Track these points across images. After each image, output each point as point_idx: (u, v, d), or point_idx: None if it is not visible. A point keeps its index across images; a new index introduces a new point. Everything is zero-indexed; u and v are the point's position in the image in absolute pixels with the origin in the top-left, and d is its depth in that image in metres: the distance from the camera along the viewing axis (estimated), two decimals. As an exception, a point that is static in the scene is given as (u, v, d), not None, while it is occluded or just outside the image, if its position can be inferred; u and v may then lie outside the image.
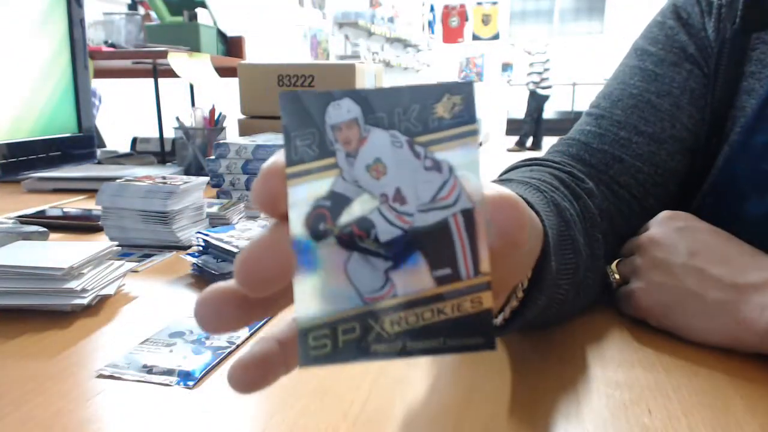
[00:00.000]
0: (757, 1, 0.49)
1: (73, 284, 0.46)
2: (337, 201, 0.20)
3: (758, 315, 0.37)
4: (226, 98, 1.49)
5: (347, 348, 0.20)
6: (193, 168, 1.11)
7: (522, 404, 0.34)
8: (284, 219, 0.20)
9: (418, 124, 0.21)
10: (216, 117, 1.15)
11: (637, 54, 0.56)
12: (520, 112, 8.55)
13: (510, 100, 9.82)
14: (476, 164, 0.21)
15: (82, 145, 0.79)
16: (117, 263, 0.52)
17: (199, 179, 0.69)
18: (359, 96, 0.21)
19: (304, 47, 5.83)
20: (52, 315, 0.46)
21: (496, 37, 10.74)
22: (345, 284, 0.20)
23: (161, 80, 1.51)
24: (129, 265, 0.54)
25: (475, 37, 11.45)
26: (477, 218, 0.20)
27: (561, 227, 0.38)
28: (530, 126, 8.22)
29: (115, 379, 0.37)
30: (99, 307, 0.48)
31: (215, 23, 1.67)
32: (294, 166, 0.20)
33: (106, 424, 0.32)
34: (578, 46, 10.81)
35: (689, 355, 0.39)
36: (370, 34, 7.61)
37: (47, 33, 0.73)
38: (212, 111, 1.15)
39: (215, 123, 1.14)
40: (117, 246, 0.53)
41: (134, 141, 1.36)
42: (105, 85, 2.20)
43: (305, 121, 0.21)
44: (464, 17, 11.56)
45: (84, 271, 0.48)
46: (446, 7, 11.61)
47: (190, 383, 0.36)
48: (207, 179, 0.71)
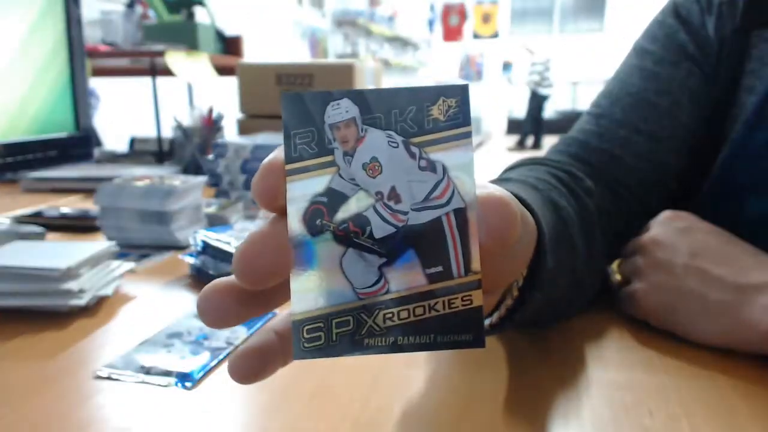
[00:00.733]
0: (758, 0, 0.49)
1: (71, 285, 0.46)
2: (334, 198, 0.21)
3: (760, 316, 0.37)
4: (225, 97, 1.49)
5: (341, 341, 0.21)
6: (192, 168, 1.11)
7: (522, 405, 0.34)
8: (282, 214, 0.21)
9: (414, 125, 0.21)
10: (214, 116, 1.14)
11: (637, 53, 0.56)
12: (521, 112, 8.57)
13: (510, 100, 9.82)
14: (470, 165, 0.21)
15: (80, 145, 0.79)
16: (115, 263, 0.52)
17: (198, 179, 0.69)
18: (358, 96, 0.21)
19: (303, 46, 5.82)
20: (50, 316, 0.45)
21: (496, 36, 10.74)
22: (340, 279, 0.21)
23: (159, 79, 1.51)
24: (127, 266, 0.53)
25: (475, 36, 11.44)
26: (469, 218, 0.21)
27: (558, 225, 0.38)
28: (531, 125, 8.24)
29: (113, 380, 0.36)
30: (97, 308, 0.48)
31: (213, 22, 1.66)
32: (293, 163, 0.21)
33: (104, 425, 0.32)
34: (578, 46, 10.81)
35: (690, 356, 0.39)
36: (370, 33, 7.61)
37: (44, 32, 0.72)
38: (210, 110, 1.15)
39: (213, 122, 1.14)
40: (115, 246, 0.53)
41: (132, 140, 1.36)
42: (103, 85, 2.20)
43: (305, 120, 0.21)
44: (464, 16, 11.55)
45: (82, 272, 0.47)
46: (446, 6, 11.60)
47: (189, 384, 0.36)
48: (205, 179, 0.71)
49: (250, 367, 0.22)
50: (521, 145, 8.18)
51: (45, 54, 0.73)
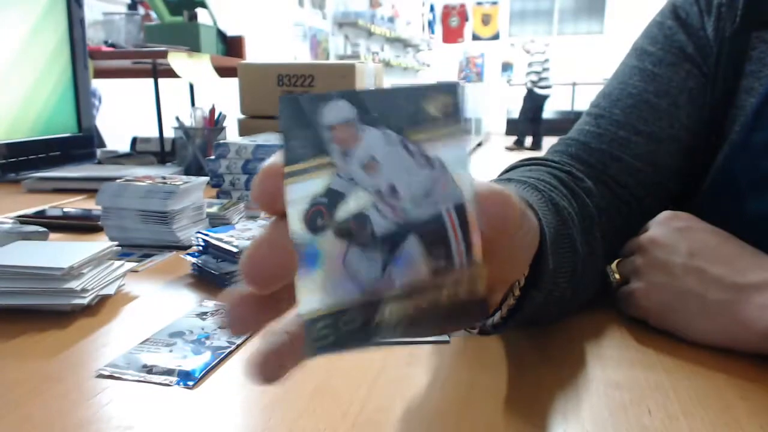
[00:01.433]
0: (758, 0, 0.49)
1: (73, 284, 0.46)
2: (334, 197, 0.21)
3: (759, 315, 0.37)
4: (226, 98, 1.49)
5: (349, 337, 0.21)
6: (193, 168, 1.11)
7: (522, 404, 0.34)
8: (283, 216, 0.21)
9: (411, 123, 0.22)
10: (216, 117, 1.15)
11: (637, 54, 0.56)
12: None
13: (510, 100, 9.81)
14: (466, 160, 0.22)
15: (82, 145, 0.79)
16: (117, 263, 0.52)
17: (199, 179, 0.69)
18: (354, 97, 0.22)
19: (304, 47, 5.83)
20: (52, 315, 0.46)
21: (496, 37, 10.74)
22: (344, 277, 0.21)
23: (161, 80, 1.51)
24: (129, 265, 0.54)
25: (475, 37, 11.44)
26: (468, 210, 0.21)
27: (558, 225, 0.38)
28: (525, 125, 8.22)
29: (115, 379, 0.37)
30: (99, 307, 0.48)
31: (215, 23, 1.67)
32: (291, 166, 0.21)
33: (106, 424, 0.32)
34: (578, 46, 10.80)
35: (689, 355, 0.39)
36: (370, 34, 7.61)
37: (47, 33, 0.73)
38: (212, 111, 1.15)
39: (215, 123, 1.14)
40: (117, 246, 0.53)
41: (134, 141, 1.36)
42: (105, 85, 2.20)
43: (302, 123, 0.21)
44: (464, 17, 11.55)
45: (84, 271, 0.48)
46: (446, 7, 11.60)
47: (190, 383, 0.36)
48: (207, 179, 0.71)
49: (271, 370, 0.23)
50: (519, 145, 8.18)
51: (47, 55, 0.73)
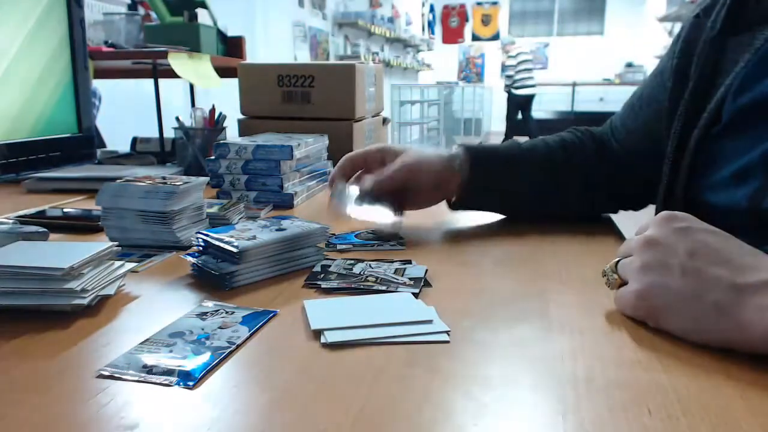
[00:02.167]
0: (734, 13, 0.58)
1: (73, 284, 0.46)
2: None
3: (759, 317, 0.37)
4: (226, 98, 1.49)
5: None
6: (193, 168, 1.11)
7: (521, 404, 0.34)
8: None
9: None
10: (216, 117, 1.15)
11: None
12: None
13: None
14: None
15: (82, 146, 0.79)
16: (117, 263, 0.52)
17: (199, 179, 0.69)
18: None
19: (304, 47, 5.83)
20: (52, 315, 0.46)
21: (496, 38, 10.74)
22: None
23: (161, 80, 1.51)
24: (129, 266, 0.54)
25: (475, 38, 11.44)
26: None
27: (495, 158, 0.71)
28: (509, 128, 8.21)
29: (115, 379, 0.37)
30: (99, 307, 0.48)
31: (215, 23, 1.67)
32: None
33: (106, 425, 0.32)
34: (578, 47, 10.80)
35: (689, 355, 0.39)
36: (370, 35, 7.61)
37: (47, 33, 0.73)
38: (212, 111, 1.15)
39: (215, 123, 1.14)
40: (117, 246, 0.53)
41: (134, 141, 1.36)
42: (105, 85, 2.20)
43: None
44: (464, 17, 11.55)
45: (84, 272, 0.48)
46: (446, 8, 11.60)
47: (190, 383, 0.36)
48: (207, 179, 0.71)
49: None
50: None
51: (48, 55, 0.73)
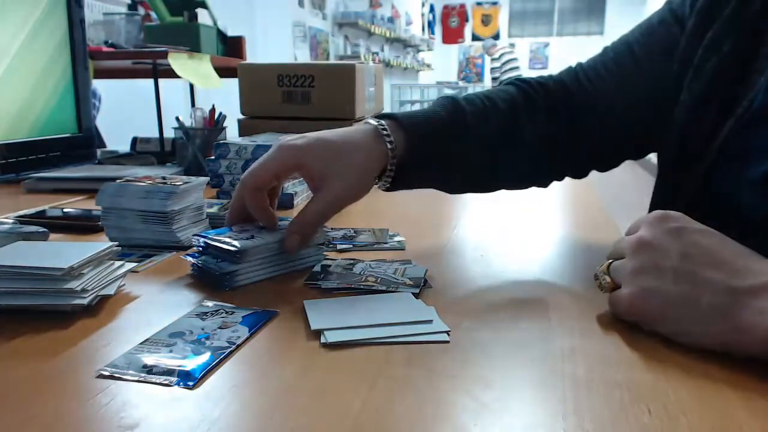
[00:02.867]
0: None
1: (73, 284, 0.46)
2: None
3: (758, 320, 0.36)
4: (226, 98, 1.49)
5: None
6: (193, 168, 1.11)
7: (522, 404, 0.34)
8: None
9: None
10: (216, 117, 1.15)
11: (660, 8, 0.66)
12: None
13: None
14: None
15: (82, 146, 0.79)
16: (117, 263, 0.52)
17: (199, 179, 0.69)
18: None
19: (304, 47, 5.83)
20: (52, 315, 0.46)
21: (496, 38, 10.74)
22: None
23: (161, 80, 1.51)
24: (129, 266, 0.54)
25: (475, 38, 11.44)
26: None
27: (430, 129, 0.58)
28: None
29: (115, 379, 0.37)
30: (99, 307, 0.48)
31: (215, 23, 1.67)
32: None
33: (106, 425, 0.32)
34: (578, 47, 10.80)
35: (689, 356, 0.39)
36: (370, 35, 7.61)
37: (47, 33, 0.73)
38: (212, 111, 1.15)
39: (215, 123, 1.14)
40: (117, 246, 0.53)
41: (134, 141, 1.36)
42: (105, 85, 2.20)
43: None
44: (464, 17, 11.55)
45: (84, 272, 0.48)
46: (446, 8, 11.60)
47: (190, 383, 0.36)
48: (207, 179, 0.71)
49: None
50: None
51: (48, 55, 0.73)
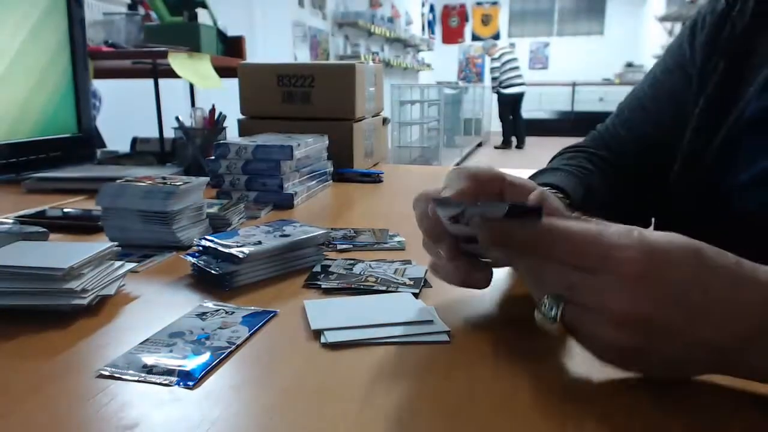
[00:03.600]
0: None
1: (73, 284, 0.46)
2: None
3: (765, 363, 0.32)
4: (226, 98, 1.49)
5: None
6: (193, 168, 1.11)
7: (521, 405, 0.34)
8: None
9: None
10: (216, 117, 1.15)
11: (659, 59, 0.66)
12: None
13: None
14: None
15: (82, 146, 0.79)
16: (117, 263, 0.52)
17: (199, 180, 0.69)
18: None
19: (304, 47, 5.83)
20: (52, 315, 0.46)
21: (497, 37, 10.74)
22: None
23: (161, 80, 1.51)
24: (129, 266, 0.54)
25: (475, 37, 11.44)
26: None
27: (582, 192, 0.59)
28: (504, 126, 8.48)
29: (115, 379, 0.37)
30: (99, 308, 0.48)
31: (215, 23, 1.67)
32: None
33: (106, 425, 0.32)
34: (578, 47, 10.80)
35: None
36: (370, 35, 7.61)
37: (47, 33, 0.73)
38: (212, 111, 1.15)
39: (215, 123, 1.14)
40: (117, 246, 0.53)
41: (134, 141, 1.36)
42: (105, 85, 2.20)
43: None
44: (464, 17, 11.56)
45: (84, 272, 0.48)
46: (446, 8, 11.60)
47: (190, 383, 0.36)
48: (207, 180, 0.71)
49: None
50: (506, 145, 8.52)
51: (48, 55, 0.73)
